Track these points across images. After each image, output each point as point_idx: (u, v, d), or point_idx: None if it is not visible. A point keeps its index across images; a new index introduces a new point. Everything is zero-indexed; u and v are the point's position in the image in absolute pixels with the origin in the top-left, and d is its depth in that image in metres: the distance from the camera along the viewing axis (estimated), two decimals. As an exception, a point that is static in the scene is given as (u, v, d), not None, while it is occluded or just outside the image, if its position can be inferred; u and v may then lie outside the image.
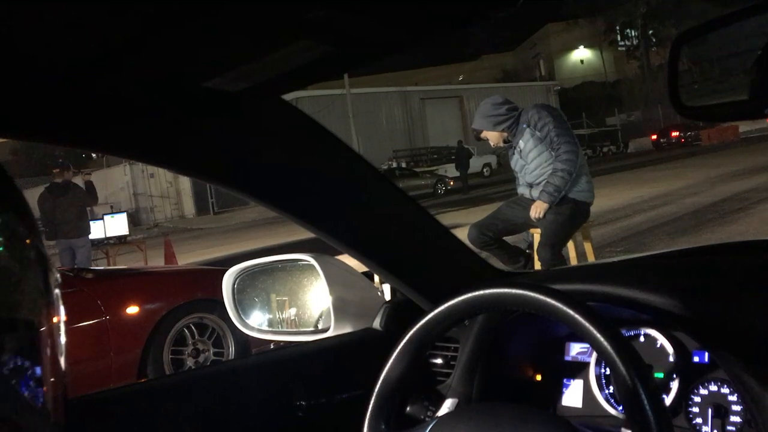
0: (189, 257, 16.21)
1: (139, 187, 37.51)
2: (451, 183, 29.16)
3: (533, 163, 5.10)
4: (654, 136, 41.37)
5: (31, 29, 0.84)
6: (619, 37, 66.83)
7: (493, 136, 5.29)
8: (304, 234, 1.51)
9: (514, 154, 5.29)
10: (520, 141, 5.12)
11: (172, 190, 37.26)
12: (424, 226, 1.60)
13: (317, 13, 0.89)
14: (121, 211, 13.10)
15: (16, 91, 0.99)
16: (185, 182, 36.23)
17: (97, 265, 11.55)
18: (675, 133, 39.70)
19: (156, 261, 13.35)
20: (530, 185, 5.16)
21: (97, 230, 11.87)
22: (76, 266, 10.07)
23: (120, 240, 12.23)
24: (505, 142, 5.29)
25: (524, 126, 5.11)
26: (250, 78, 1.12)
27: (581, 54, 72.07)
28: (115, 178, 38.02)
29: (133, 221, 35.64)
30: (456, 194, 26.96)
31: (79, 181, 11.32)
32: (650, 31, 61.35)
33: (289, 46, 0.99)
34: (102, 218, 12.43)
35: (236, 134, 1.25)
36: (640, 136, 45.04)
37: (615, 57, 69.80)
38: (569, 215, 4.92)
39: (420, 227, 1.59)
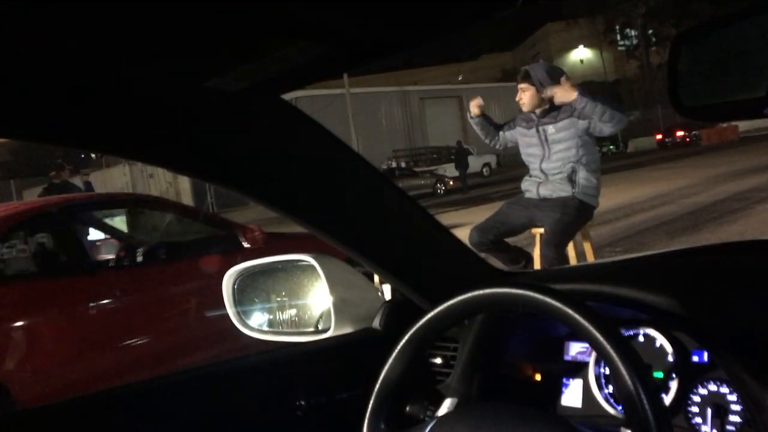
0: None
1: (138, 188, 37.51)
2: (451, 183, 29.13)
3: (559, 154, 4.88)
4: (659, 136, 41.68)
5: (31, 30, 0.84)
6: (618, 37, 66.93)
7: (533, 96, 4.92)
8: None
9: (534, 136, 4.99)
10: (551, 126, 4.88)
11: (171, 190, 37.27)
12: (424, 226, 1.60)
13: (317, 13, 0.89)
14: (120, 213, 12.93)
15: (16, 91, 0.99)
16: (185, 182, 36.24)
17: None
18: (680, 133, 40.05)
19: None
20: (545, 175, 4.94)
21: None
22: None
23: (120, 240, 12.08)
24: (535, 114, 4.96)
25: (565, 114, 4.81)
26: (250, 78, 1.13)
27: (581, 54, 72.20)
28: (115, 178, 38.05)
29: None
30: (456, 194, 26.93)
31: (78, 182, 11.27)
32: (650, 31, 61.39)
33: (289, 46, 0.99)
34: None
35: (236, 134, 1.25)
36: (639, 135, 45.10)
37: (615, 57, 69.93)
38: (575, 216, 4.83)
39: (420, 227, 1.59)
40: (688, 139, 39.57)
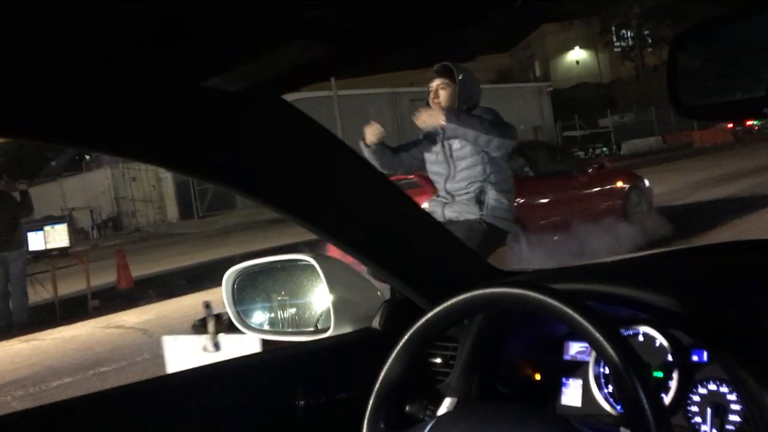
0: (159, 265, 16.11)
1: (120, 191, 37.30)
2: None
3: (464, 172, 4.51)
4: (731, 125, 42.43)
5: (30, 30, 0.86)
6: (614, 38, 67.03)
7: (452, 96, 4.54)
8: (284, 239, 1.53)
9: (439, 152, 4.63)
10: (456, 141, 4.51)
11: (155, 194, 37.06)
12: (423, 225, 1.62)
13: (316, 12, 0.92)
14: (61, 221, 12.04)
15: (16, 91, 1.01)
16: (168, 186, 36.05)
17: (36, 279, 11.17)
18: (749, 123, 40.76)
19: (106, 273, 13.20)
20: (450, 196, 4.58)
21: (38, 241, 11.17)
22: (9, 281, 10.30)
23: (61, 252, 11.36)
24: (440, 127, 4.53)
25: None
26: (250, 78, 1.15)
27: (577, 55, 72.23)
28: (96, 181, 37.82)
29: (115, 226, 35.46)
30: None
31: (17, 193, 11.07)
32: (646, 32, 61.50)
33: (289, 46, 1.01)
34: (42, 228, 11.45)
35: (236, 134, 1.28)
36: (633, 137, 45.15)
37: (611, 58, 69.97)
38: (482, 241, 4.41)
39: (420, 227, 1.62)
40: (756, 128, 40.26)
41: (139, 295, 11.97)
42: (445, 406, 1.38)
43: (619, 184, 11.13)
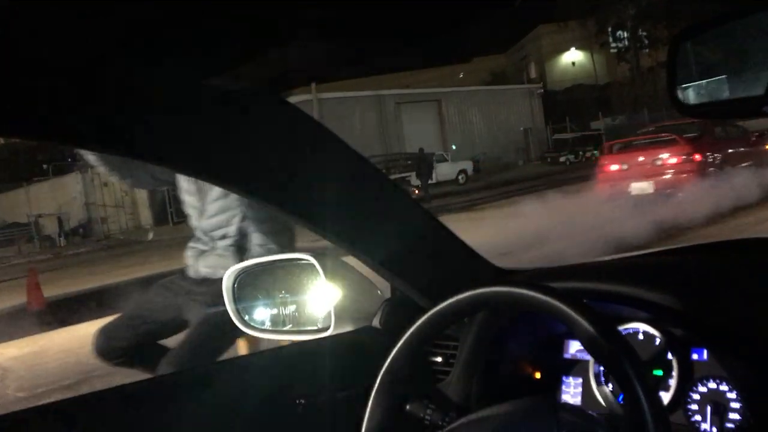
0: (92, 280, 15.75)
1: (91, 197, 37.07)
2: (416, 192, 28.96)
3: (216, 204, 3.44)
4: None
5: (30, 30, 0.90)
6: (610, 39, 67.09)
7: None
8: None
9: (191, 180, 3.52)
10: None
11: (127, 199, 36.88)
12: (424, 224, 1.67)
13: (316, 13, 0.96)
14: None
15: (16, 91, 1.04)
16: (142, 192, 35.82)
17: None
18: None
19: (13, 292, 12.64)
20: (208, 237, 3.50)
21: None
22: None
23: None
24: None
25: None
26: (250, 78, 1.19)
27: (573, 56, 72.26)
28: (68, 186, 37.58)
29: (85, 233, 35.24)
30: (421, 203, 26.50)
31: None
32: (642, 33, 61.55)
33: (289, 46, 1.06)
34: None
35: (236, 134, 1.31)
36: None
37: (607, 59, 70.06)
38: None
39: (420, 226, 1.66)
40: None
41: (41, 320, 11.08)
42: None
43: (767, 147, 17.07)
